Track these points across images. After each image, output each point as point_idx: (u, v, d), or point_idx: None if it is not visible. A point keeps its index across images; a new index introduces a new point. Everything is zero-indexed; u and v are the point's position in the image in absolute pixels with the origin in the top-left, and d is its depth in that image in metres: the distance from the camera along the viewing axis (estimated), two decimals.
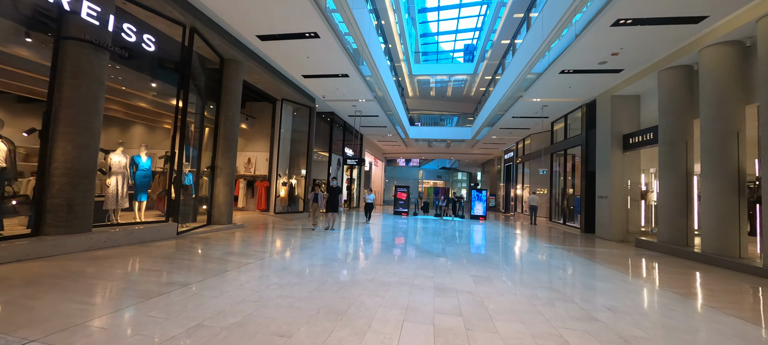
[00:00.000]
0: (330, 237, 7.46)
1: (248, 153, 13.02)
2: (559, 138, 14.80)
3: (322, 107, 14.44)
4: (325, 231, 8.39)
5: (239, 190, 12.41)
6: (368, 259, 5.48)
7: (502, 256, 6.49)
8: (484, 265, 5.43)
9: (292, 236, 7.42)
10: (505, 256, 6.53)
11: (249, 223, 9.54)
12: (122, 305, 2.83)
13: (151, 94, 9.11)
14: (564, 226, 13.44)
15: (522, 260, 6.17)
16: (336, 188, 8.96)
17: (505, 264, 5.71)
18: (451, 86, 24.58)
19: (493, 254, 6.68)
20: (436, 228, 11.14)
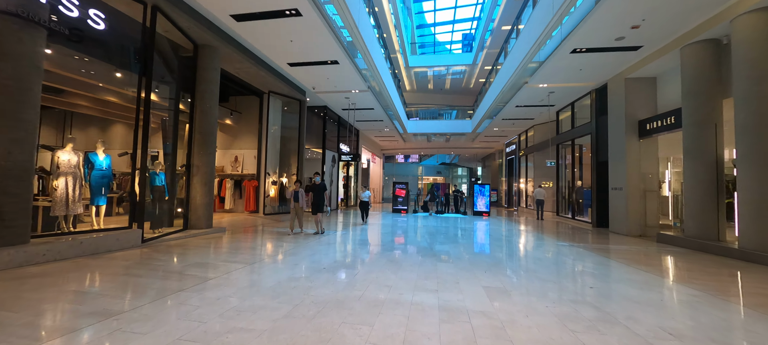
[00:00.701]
0: (317, 242, 6.60)
1: (235, 151, 12.17)
2: (565, 128, 13.97)
3: (314, 101, 13.58)
4: (314, 235, 7.39)
5: (226, 191, 11.57)
6: (358, 268, 4.65)
7: (514, 259, 5.67)
8: (496, 271, 4.61)
9: (276, 242, 6.59)
10: (518, 259, 5.72)
11: (234, 226, 8.70)
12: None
13: (116, 85, 8.21)
14: (573, 220, 12.64)
15: (539, 263, 5.35)
16: (320, 186, 7.72)
17: (521, 269, 4.89)
18: (450, 78, 23.71)
19: (504, 256, 5.86)
20: (437, 226, 10.32)
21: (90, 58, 6.92)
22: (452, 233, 8.72)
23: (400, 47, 20.26)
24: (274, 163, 11.86)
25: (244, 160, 12.07)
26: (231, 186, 11.61)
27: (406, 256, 5.54)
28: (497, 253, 6.18)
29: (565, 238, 8.36)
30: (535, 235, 8.94)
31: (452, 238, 7.87)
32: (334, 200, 16.27)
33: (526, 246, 7.14)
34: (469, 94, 26.16)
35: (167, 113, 7.94)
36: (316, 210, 7.74)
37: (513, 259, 5.65)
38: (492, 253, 6.06)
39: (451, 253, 5.82)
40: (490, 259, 5.52)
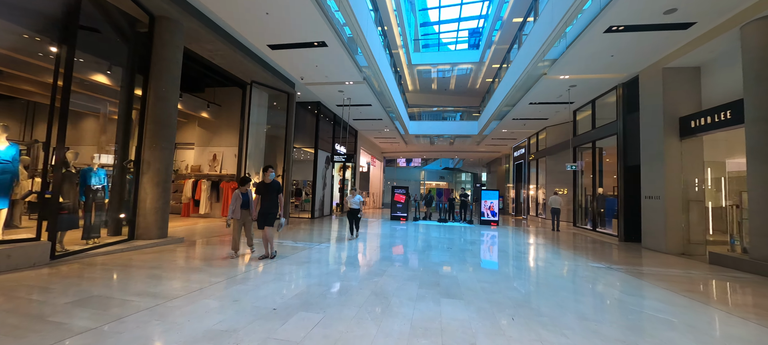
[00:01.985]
0: (278, 267, 5.07)
1: (214, 148, 10.85)
2: (583, 128, 12.55)
3: (306, 96, 12.28)
4: (263, 260, 5.10)
5: (201, 193, 10.23)
6: (322, 311, 3.24)
7: (548, 292, 4.23)
8: (529, 317, 3.20)
9: (224, 266, 5.22)
10: (553, 292, 4.28)
11: (197, 235, 7.33)
12: None
13: (33, 54, 6.73)
14: (594, 233, 11.16)
15: (584, 300, 3.92)
16: (271, 185, 5.26)
17: (564, 312, 3.46)
18: (455, 77, 22.39)
19: (531, 288, 4.44)
20: (440, 238, 8.89)
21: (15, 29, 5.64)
22: (458, 247, 7.29)
23: (403, 43, 18.99)
24: (257, 162, 10.52)
25: (224, 159, 10.74)
26: (207, 188, 10.28)
27: (397, 287, 4.12)
28: (521, 281, 4.74)
29: (596, 256, 6.91)
30: (559, 251, 7.48)
31: (459, 255, 6.43)
32: (328, 205, 14.90)
33: (555, 269, 5.69)
34: (475, 95, 24.82)
35: (117, 100, 6.63)
36: (264, 222, 5.18)
37: (545, 291, 4.22)
38: (514, 282, 4.62)
39: (460, 282, 4.39)
40: (514, 292, 4.09)
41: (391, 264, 5.32)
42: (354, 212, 8.17)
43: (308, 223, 11.15)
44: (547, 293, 4.07)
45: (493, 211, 13.09)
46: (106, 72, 6.62)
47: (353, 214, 8.18)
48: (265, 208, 5.26)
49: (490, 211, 13.10)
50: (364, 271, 4.83)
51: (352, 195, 8.21)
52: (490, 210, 13.10)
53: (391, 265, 5.24)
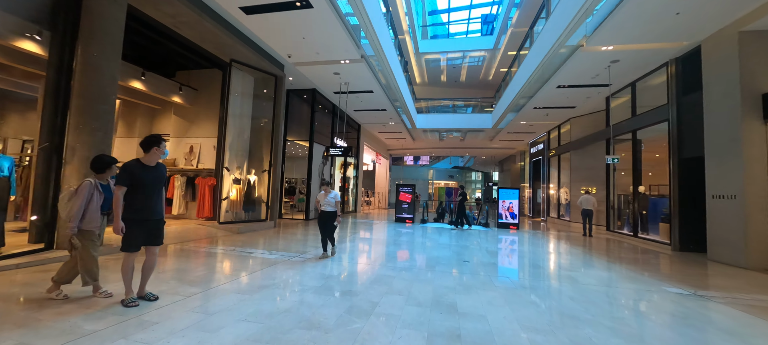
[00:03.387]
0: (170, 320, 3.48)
1: (191, 139, 9.46)
2: (618, 118, 10.77)
3: (299, 82, 10.83)
4: (130, 307, 3.00)
5: (174, 190, 8.84)
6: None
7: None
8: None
9: (104, 309, 3.74)
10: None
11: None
12: None
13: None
14: (636, 239, 9.39)
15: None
16: (156, 173, 3.29)
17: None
18: (466, 67, 20.68)
19: (620, 342, 2.82)
20: (453, 247, 7.30)
21: None
22: (478, 261, 5.67)
23: (409, 28, 17.40)
24: (240, 155, 9.10)
25: (202, 152, 9.34)
26: (181, 185, 8.88)
27: (390, 342, 2.55)
28: (592, 326, 3.06)
29: (662, 275, 5.22)
30: (612, 267, 5.80)
31: (482, 275, 4.83)
32: None
33: (627, 299, 4.04)
34: (488, 88, 23.05)
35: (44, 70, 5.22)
36: (148, 238, 3.25)
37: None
38: (582, 327, 2.96)
39: (493, 330, 2.78)
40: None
41: (386, 290, 3.76)
42: (327, 217, 5.48)
43: (296, 227, 9.67)
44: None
45: (513, 213, 11.40)
46: (31, 36, 5.25)
47: (325, 219, 5.48)
48: (143, 213, 3.12)
49: (508, 212, 11.42)
50: (341, 306, 3.28)
51: (323, 192, 5.60)
52: (509, 212, 11.42)
53: (387, 293, 3.68)
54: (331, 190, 5.66)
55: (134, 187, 3.11)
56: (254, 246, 6.12)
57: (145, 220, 3.19)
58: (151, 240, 3.29)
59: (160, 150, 3.25)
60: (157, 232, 3.32)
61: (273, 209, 9.28)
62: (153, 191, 3.26)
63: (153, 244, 3.30)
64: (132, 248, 3.13)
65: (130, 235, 3.10)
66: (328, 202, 5.57)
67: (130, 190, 3.10)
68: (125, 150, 9.95)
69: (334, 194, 5.63)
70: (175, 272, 4.09)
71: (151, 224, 3.25)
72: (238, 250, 5.69)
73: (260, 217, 9.22)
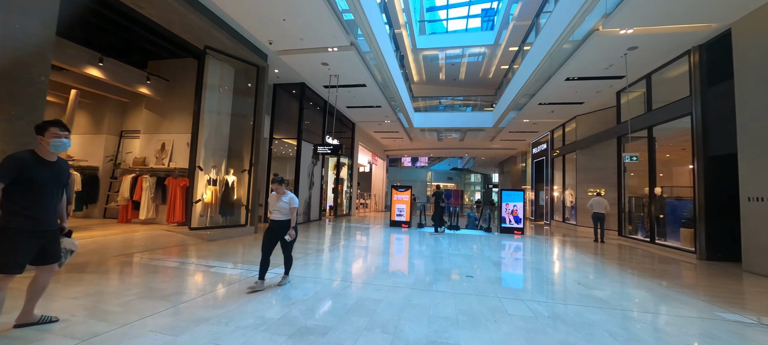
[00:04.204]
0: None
1: (163, 136, 8.57)
2: (630, 114, 9.95)
3: (287, 75, 9.98)
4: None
5: (142, 192, 7.94)
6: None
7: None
8: None
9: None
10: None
11: (116, 251, 5.00)
12: None
13: None
14: (653, 246, 8.54)
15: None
16: (57, 169, 2.47)
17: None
18: (465, 64, 19.87)
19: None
20: (453, 257, 6.42)
21: None
22: (483, 276, 4.80)
23: (407, 24, 16.59)
24: (218, 153, 8.22)
25: (175, 149, 8.44)
26: (150, 186, 7.97)
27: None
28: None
29: (703, 292, 4.35)
30: (640, 283, 4.93)
31: (489, 295, 3.95)
32: (318, 208, 12.55)
33: (675, 337, 3.17)
34: (488, 86, 22.27)
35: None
36: (47, 255, 2.46)
37: None
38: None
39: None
40: None
41: (366, 324, 2.87)
42: (275, 229, 3.92)
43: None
44: None
45: (517, 217, 10.54)
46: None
47: (272, 232, 3.93)
48: (35, 222, 2.33)
49: (513, 216, 10.56)
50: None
51: (275, 192, 4.01)
52: (514, 215, 10.55)
53: (367, 329, 2.79)
54: (285, 191, 3.97)
55: (24, 186, 2.30)
56: (222, 257, 5.22)
57: (36, 231, 2.36)
58: (45, 258, 2.47)
59: (48, 137, 2.41)
60: (54, 247, 2.50)
61: (254, 213, 8.39)
62: (50, 194, 2.43)
63: (47, 262, 2.47)
64: (11, 268, 2.27)
65: (10, 248, 2.25)
66: (279, 209, 3.89)
67: (17, 190, 2.28)
68: (90, 147, 9.06)
69: (290, 198, 3.95)
70: (92, 298, 3.19)
71: (46, 237, 2.43)
72: (200, 262, 4.80)
73: (239, 222, 8.33)
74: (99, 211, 8.97)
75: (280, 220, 3.93)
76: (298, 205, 4.03)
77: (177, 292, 3.47)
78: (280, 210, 3.91)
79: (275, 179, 4.00)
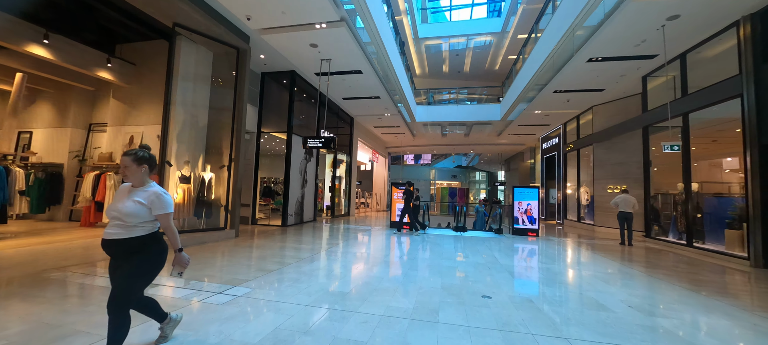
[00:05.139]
0: None
1: (131, 128, 7.59)
2: (659, 100, 8.83)
3: (274, 62, 8.99)
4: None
5: (105, 192, 6.98)
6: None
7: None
8: None
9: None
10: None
11: (14, 271, 4.03)
12: None
13: None
14: (692, 250, 7.42)
15: None
16: None
17: None
18: (470, 53, 18.73)
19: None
20: (460, 266, 5.39)
21: None
22: (506, 297, 3.75)
23: (408, 10, 15.52)
24: (194, 147, 7.25)
25: (145, 142, 7.43)
26: (114, 184, 7.00)
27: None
28: None
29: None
30: (711, 306, 3.85)
31: (510, 331, 2.91)
32: (312, 209, 11.55)
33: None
34: (494, 78, 21.12)
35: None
36: None
37: None
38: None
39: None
40: None
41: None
42: (118, 253, 1.99)
43: (267, 236, 7.78)
44: None
45: (532, 217, 9.45)
46: None
47: (117, 258, 2.02)
48: None
49: (526, 216, 9.47)
50: None
51: (126, 182, 2.11)
52: (527, 215, 9.46)
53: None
54: (147, 179, 2.13)
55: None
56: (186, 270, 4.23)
57: None
58: None
59: None
60: None
61: (234, 214, 7.39)
62: None
63: None
64: None
65: None
66: (125, 215, 1.95)
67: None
68: (54, 142, 8.12)
69: (151, 195, 2.03)
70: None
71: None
72: None
73: (219, 225, 7.35)
74: (64, 213, 8.04)
75: (121, 240, 1.95)
76: (170, 211, 2.07)
77: (69, 334, 2.46)
78: (126, 218, 1.94)
79: (129, 153, 2.08)
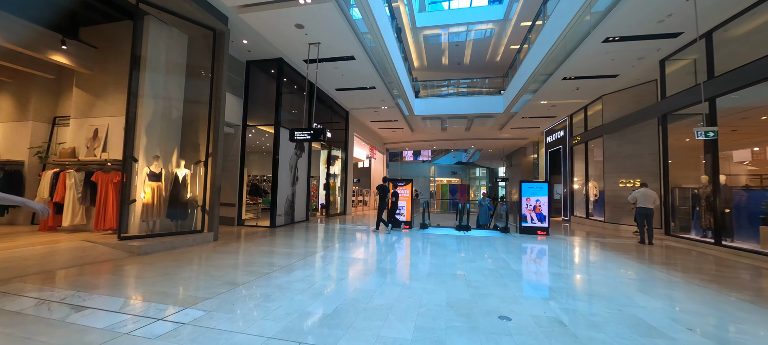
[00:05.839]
0: None
1: (96, 119, 6.79)
2: (679, 85, 8.09)
3: (259, 48, 8.20)
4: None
5: (65, 192, 6.19)
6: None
7: None
8: None
9: None
10: None
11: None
12: None
13: None
14: (721, 249, 6.68)
15: None
16: None
17: None
18: (471, 44, 17.93)
19: None
20: (464, 275, 4.63)
21: None
22: (528, 315, 3.02)
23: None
24: (166, 141, 6.48)
25: (112, 136, 6.67)
26: (75, 183, 6.21)
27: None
28: None
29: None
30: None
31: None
32: (305, 208, 10.78)
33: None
34: (496, 71, 20.33)
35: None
36: None
37: None
38: None
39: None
40: None
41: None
42: None
43: (251, 239, 7.01)
44: None
45: (541, 214, 8.70)
46: None
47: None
48: None
49: (535, 213, 8.71)
50: None
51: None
52: (536, 212, 8.71)
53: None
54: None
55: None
56: (122, 287, 3.47)
57: None
58: None
59: None
60: None
61: (212, 215, 6.61)
62: None
63: None
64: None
65: None
66: None
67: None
68: (13, 138, 7.32)
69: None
70: None
71: None
72: (81, 296, 3.04)
73: (195, 227, 6.57)
74: (26, 216, 7.25)
75: None
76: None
77: None
78: None
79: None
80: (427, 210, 10.54)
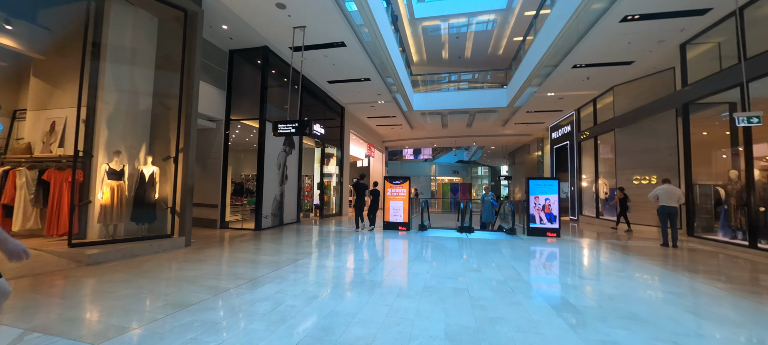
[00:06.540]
0: None
1: (53, 112, 6.07)
2: (702, 71, 7.32)
3: (242, 36, 7.47)
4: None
5: (16, 193, 5.47)
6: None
7: None
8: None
9: None
10: None
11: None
12: None
13: None
14: (755, 252, 5.91)
15: None
16: None
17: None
18: (472, 36, 17.14)
19: None
20: (467, 289, 3.89)
21: None
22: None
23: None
24: (131, 135, 5.77)
25: (69, 129, 5.94)
26: (27, 182, 5.49)
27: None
28: None
29: None
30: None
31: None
32: (295, 208, 10.05)
33: None
34: (498, 64, 19.52)
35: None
36: None
37: None
38: None
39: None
40: None
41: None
42: None
43: (233, 243, 6.27)
44: None
45: (551, 214, 7.93)
46: None
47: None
48: None
49: (544, 213, 7.95)
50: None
51: None
52: (545, 212, 7.94)
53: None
54: None
55: None
56: (43, 309, 2.75)
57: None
58: None
59: None
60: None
61: (184, 218, 5.89)
62: None
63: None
64: None
65: None
66: None
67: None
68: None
69: None
70: None
71: None
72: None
73: (164, 231, 5.85)
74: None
75: None
76: None
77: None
78: None
79: None
80: (427, 210, 9.79)
